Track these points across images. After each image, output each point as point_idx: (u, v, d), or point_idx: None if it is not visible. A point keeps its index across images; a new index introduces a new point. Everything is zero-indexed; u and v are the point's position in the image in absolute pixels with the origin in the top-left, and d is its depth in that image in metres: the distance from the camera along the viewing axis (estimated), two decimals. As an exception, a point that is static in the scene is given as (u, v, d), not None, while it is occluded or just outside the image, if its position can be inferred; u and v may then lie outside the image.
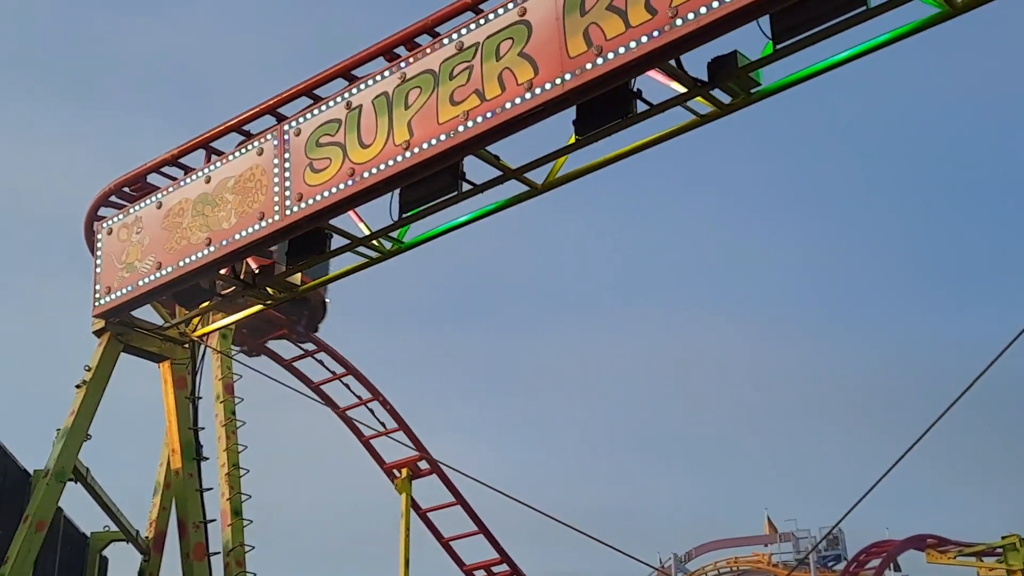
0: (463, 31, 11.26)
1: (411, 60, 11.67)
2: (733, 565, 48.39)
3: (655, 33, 9.70)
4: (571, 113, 10.73)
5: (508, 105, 10.66)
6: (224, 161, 13.38)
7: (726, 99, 10.61)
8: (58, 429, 14.23)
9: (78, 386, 14.33)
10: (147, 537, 15.69)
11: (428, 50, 11.55)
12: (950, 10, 9.34)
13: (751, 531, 51.38)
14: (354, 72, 12.34)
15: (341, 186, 11.89)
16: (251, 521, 17.27)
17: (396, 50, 12.00)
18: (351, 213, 12.62)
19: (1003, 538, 21.84)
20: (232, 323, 16.12)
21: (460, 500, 20.30)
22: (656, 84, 10.57)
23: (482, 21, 11.12)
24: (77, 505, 15.51)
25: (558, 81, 10.34)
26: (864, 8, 9.14)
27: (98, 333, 14.54)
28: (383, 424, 20.13)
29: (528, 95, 10.54)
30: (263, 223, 12.56)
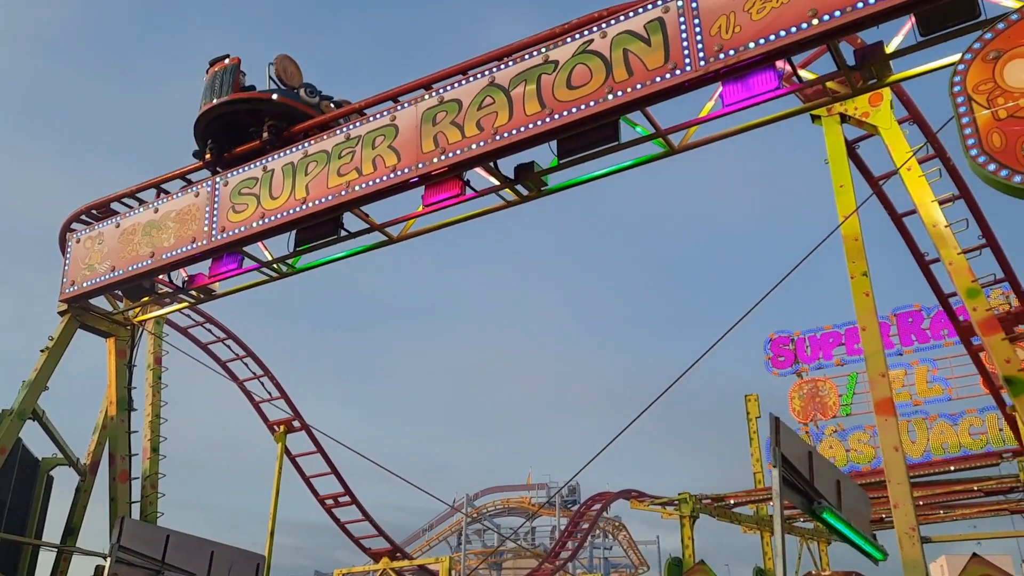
0: (351, 126, 11.21)
1: (312, 142, 11.53)
2: (506, 504, 48.84)
3: (481, 143, 9.87)
4: (421, 189, 10.79)
5: (378, 180, 10.63)
6: (170, 199, 12.92)
7: (524, 192, 10.87)
8: (24, 381, 13.57)
9: (42, 350, 13.72)
10: (85, 464, 15.04)
11: (324, 136, 11.43)
12: (670, 150, 9.84)
13: (520, 481, 52.10)
14: (269, 146, 12.17)
15: (254, 224, 11.60)
16: (164, 456, 16.80)
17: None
18: (260, 244, 12.36)
19: (679, 494, 22.78)
20: (164, 314, 15.69)
21: (320, 450, 20.09)
22: (480, 177, 10.73)
23: (365, 121, 11.11)
24: (34, 437, 14.98)
25: (413, 168, 10.38)
26: (616, 143, 9.54)
27: (62, 313, 13.86)
28: (269, 393, 19.70)
29: (392, 175, 10.54)
30: (194, 245, 12.15)
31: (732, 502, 23.47)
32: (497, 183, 10.67)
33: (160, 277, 13.62)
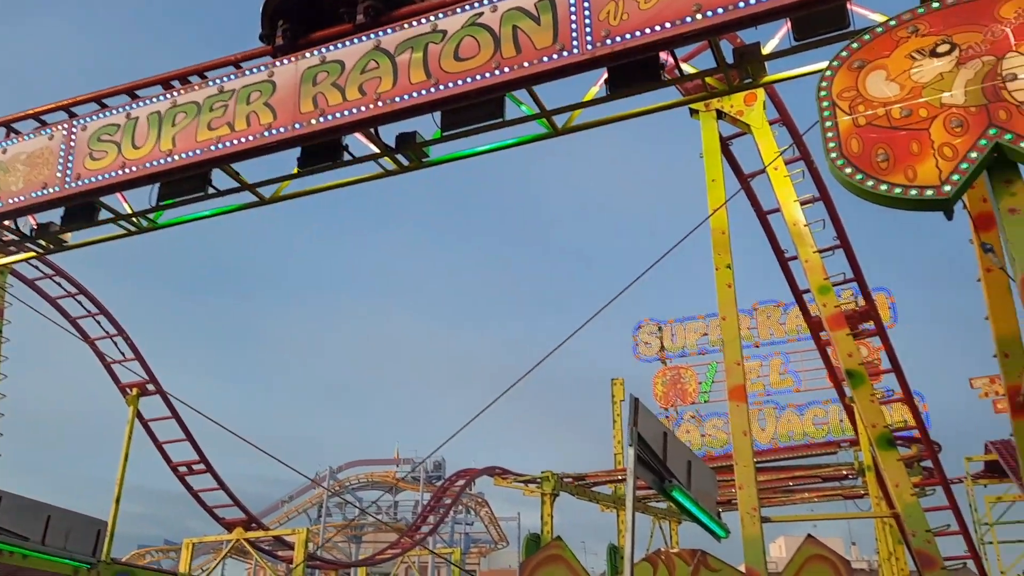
0: (226, 79, 10.68)
1: (183, 91, 10.92)
2: (369, 477, 48.52)
3: (362, 108, 9.62)
4: (296, 151, 10.44)
5: (251, 138, 10.19)
6: (20, 139, 11.97)
7: (405, 162, 10.70)
8: None
9: None
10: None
11: (197, 87, 10.86)
12: (554, 131, 9.92)
13: (386, 456, 51.87)
14: (137, 92, 11.42)
15: (113, 173, 10.89)
16: (3, 415, 15.78)
17: (172, 82, 11.22)
18: (118, 195, 11.64)
19: (542, 473, 23.26)
20: (7, 263, 14.53)
21: (175, 415, 19.31)
22: (359, 143, 10.48)
23: (241, 75, 10.62)
24: None
25: (289, 128, 10.02)
26: (501, 120, 9.52)
27: (-102, 258, 12.60)
28: (123, 354, 18.72)
29: (267, 133, 10.13)
30: (45, 191, 11.31)
31: (592, 481, 24.19)
32: (377, 151, 10.44)
33: (6, 223, 12.63)
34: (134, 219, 12.06)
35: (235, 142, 10.24)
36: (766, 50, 8.45)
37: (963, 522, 14.06)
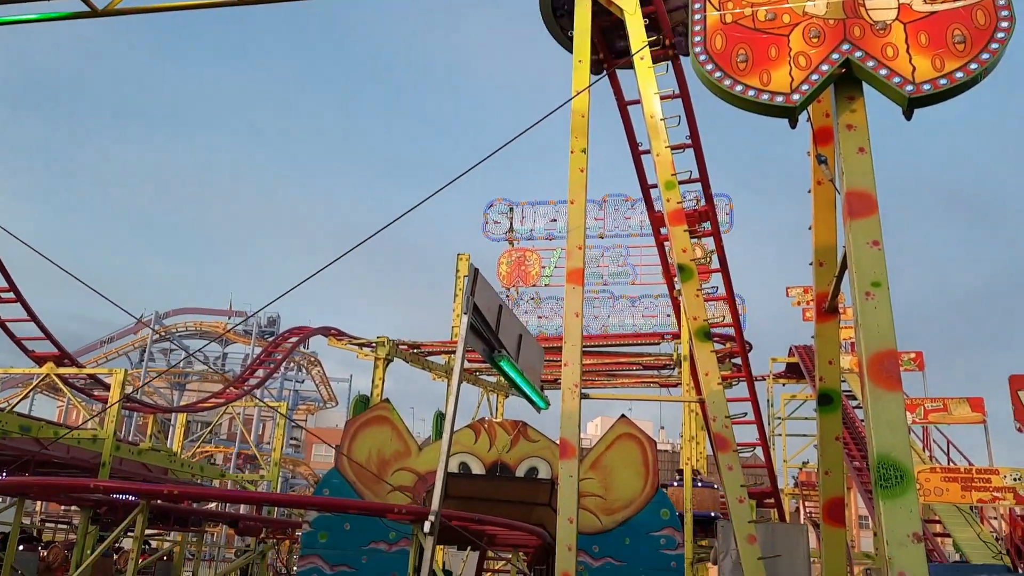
0: None
1: None
2: (198, 326, 47.23)
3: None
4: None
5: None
6: None
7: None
8: None
9: None
10: None
11: None
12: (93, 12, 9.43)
13: (218, 306, 50.50)
14: None
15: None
16: None
17: None
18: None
19: (378, 337, 23.44)
20: None
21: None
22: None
23: None
24: None
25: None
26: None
27: None
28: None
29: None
30: None
31: (427, 350, 24.64)
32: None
33: None
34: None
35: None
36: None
37: (759, 414, 15.45)
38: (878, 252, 5.36)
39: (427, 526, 5.73)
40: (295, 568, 20.95)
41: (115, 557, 17.69)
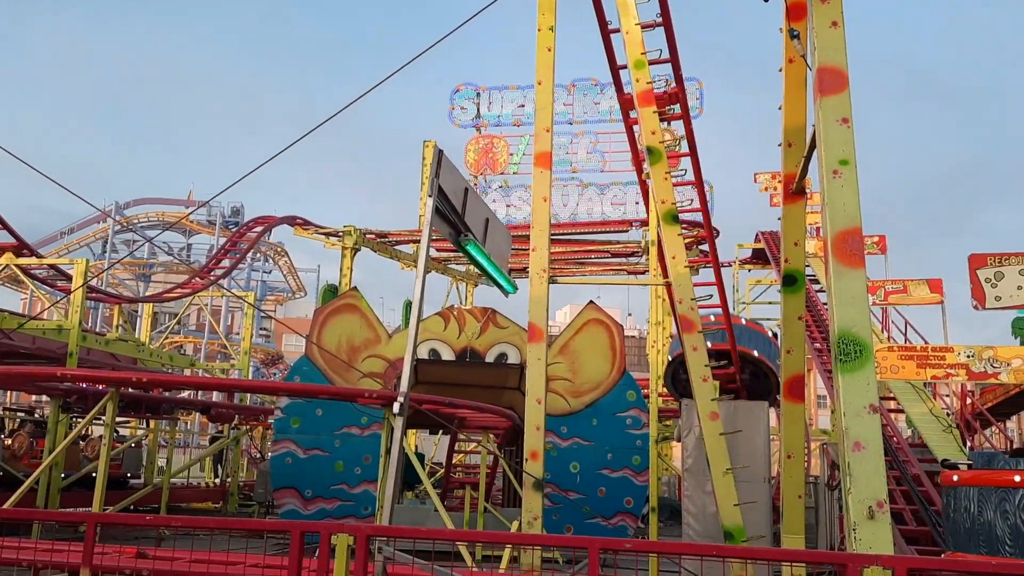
0: None
1: None
2: (161, 217, 46.48)
3: None
4: None
5: None
6: None
7: None
8: None
9: None
10: None
11: None
12: None
13: (178, 196, 49.63)
14: None
15: None
16: None
17: None
18: None
19: (344, 226, 23.28)
20: None
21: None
22: None
23: None
24: None
25: None
26: None
27: None
28: None
29: None
30: None
31: (394, 239, 24.53)
32: None
33: None
34: None
35: None
36: None
37: (724, 299, 15.69)
38: (847, 130, 5.33)
39: (396, 407, 5.81)
40: (269, 453, 21.44)
41: (82, 444, 17.91)
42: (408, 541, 5.35)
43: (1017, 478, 5.90)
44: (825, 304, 21.13)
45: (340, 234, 23.29)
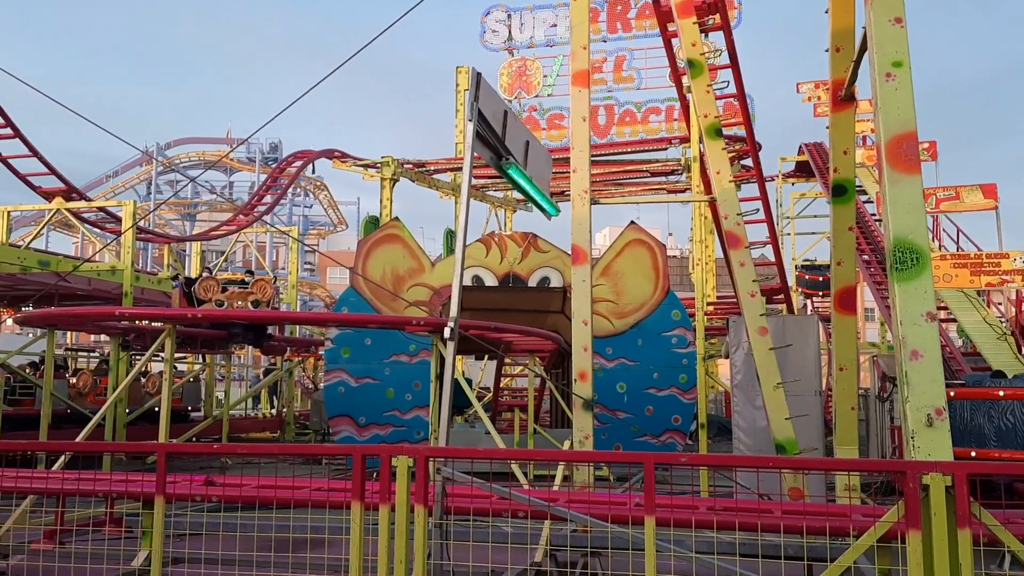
0: None
1: None
2: (201, 156, 46.81)
3: None
4: None
5: None
6: None
7: None
8: None
9: None
10: None
11: None
12: None
13: (218, 135, 49.81)
14: None
15: None
16: None
17: None
18: None
19: (382, 157, 23.20)
20: None
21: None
22: None
23: None
24: None
25: None
26: None
27: None
28: None
29: None
30: None
31: (432, 168, 24.39)
32: None
33: None
34: None
35: None
36: None
37: (770, 214, 15.43)
38: (900, 30, 5.08)
39: (447, 332, 5.84)
40: (322, 383, 21.91)
41: (143, 381, 18.47)
42: (465, 462, 5.45)
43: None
44: (872, 215, 20.66)
45: (378, 165, 23.24)
